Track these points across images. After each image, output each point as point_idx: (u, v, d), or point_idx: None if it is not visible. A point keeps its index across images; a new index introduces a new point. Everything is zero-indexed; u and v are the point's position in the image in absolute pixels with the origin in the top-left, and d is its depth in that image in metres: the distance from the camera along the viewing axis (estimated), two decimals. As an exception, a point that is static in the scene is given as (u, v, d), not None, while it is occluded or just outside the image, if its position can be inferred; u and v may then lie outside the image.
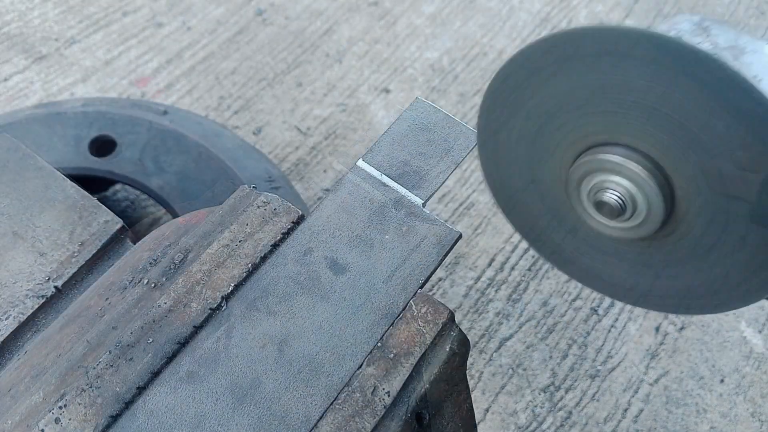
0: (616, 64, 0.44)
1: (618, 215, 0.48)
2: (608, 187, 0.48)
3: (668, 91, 0.43)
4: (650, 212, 0.48)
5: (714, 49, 0.48)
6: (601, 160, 0.47)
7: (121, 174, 1.06)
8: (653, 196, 0.47)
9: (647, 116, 0.45)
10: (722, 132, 0.43)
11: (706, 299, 0.52)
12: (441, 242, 0.59)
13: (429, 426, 0.53)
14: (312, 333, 0.53)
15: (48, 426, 0.48)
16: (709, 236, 0.48)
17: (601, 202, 0.49)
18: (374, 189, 0.61)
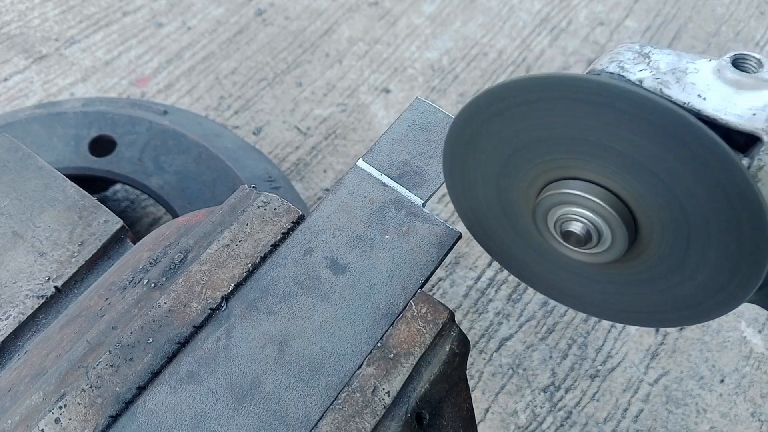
0: (567, 107, 0.46)
1: (584, 244, 0.51)
2: (573, 218, 0.50)
3: (613, 129, 0.45)
4: (615, 240, 0.50)
5: (656, 74, 0.49)
6: (565, 194, 0.50)
7: (120, 174, 1.06)
8: (616, 225, 0.49)
9: (601, 152, 0.47)
10: (670, 161, 0.45)
11: (675, 314, 0.54)
12: (441, 242, 0.59)
13: (429, 426, 0.53)
14: (312, 333, 0.53)
15: (48, 426, 0.48)
16: (672, 258, 0.50)
17: (567, 232, 0.51)
18: (374, 189, 0.61)
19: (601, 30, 1.55)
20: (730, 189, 0.44)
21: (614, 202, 0.49)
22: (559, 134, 0.48)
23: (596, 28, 1.55)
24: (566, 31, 1.55)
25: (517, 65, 1.47)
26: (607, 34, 1.54)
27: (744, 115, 0.47)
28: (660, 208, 0.48)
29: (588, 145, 0.47)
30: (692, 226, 0.48)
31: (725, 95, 0.48)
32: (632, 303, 0.57)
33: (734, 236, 0.46)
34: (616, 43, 1.53)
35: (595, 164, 0.48)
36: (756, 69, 0.49)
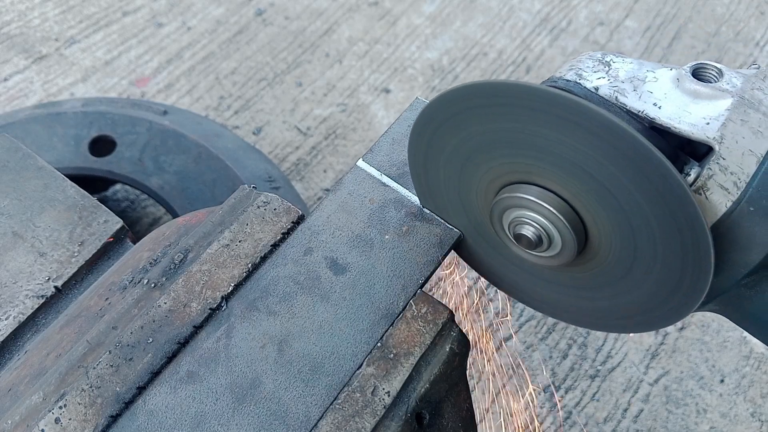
0: (520, 114, 0.47)
1: (535, 247, 0.51)
2: (525, 222, 0.51)
3: (562, 138, 0.46)
4: (564, 245, 0.50)
5: (613, 82, 0.49)
6: (518, 197, 0.50)
7: (120, 174, 1.06)
8: (565, 231, 0.49)
9: (553, 160, 0.47)
10: (611, 170, 0.45)
11: (628, 320, 0.55)
12: (441, 242, 0.59)
13: (429, 426, 0.53)
14: (312, 333, 0.53)
15: (48, 426, 0.48)
16: (621, 266, 0.51)
17: (519, 235, 0.51)
18: (374, 189, 0.61)
19: (601, 30, 1.55)
20: (670, 199, 0.44)
21: (565, 209, 0.49)
22: (512, 139, 0.49)
23: (596, 28, 1.55)
24: (566, 31, 1.55)
25: (517, 65, 1.47)
26: (607, 34, 1.54)
27: (697, 124, 0.47)
28: (607, 216, 0.48)
29: (539, 151, 0.48)
30: (637, 235, 0.48)
31: (681, 104, 0.48)
32: (585, 306, 0.58)
33: (678, 247, 0.46)
34: (617, 43, 1.53)
35: (547, 171, 0.48)
36: (716, 79, 0.49)
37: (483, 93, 0.48)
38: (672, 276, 0.49)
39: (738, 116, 0.47)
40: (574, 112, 0.44)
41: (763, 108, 0.48)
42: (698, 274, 0.47)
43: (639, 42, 1.53)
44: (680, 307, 0.50)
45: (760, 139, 0.47)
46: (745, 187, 0.46)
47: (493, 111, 0.48)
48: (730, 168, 0.46)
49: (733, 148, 0.46)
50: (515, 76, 1.45)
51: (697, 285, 0.48)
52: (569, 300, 0.59)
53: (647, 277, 0.50)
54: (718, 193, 0.46)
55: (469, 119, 0.50)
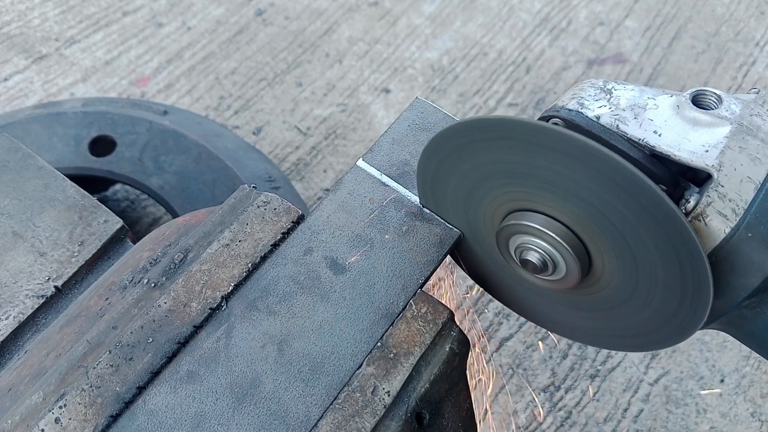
0: (523, 148, 0.49)
1: (540, 272, 0.53)
2: (531, 248, 0.52)
3: (563, 170, 0.48)
4: (569, 270, 0.52)
5: (614, 110, 0.51)
6: (523, 225, 0.52)
7: (120, 174, 1.06)
8: (569, 257, 0.51)
9: (556, 190, 0.49)
10: (610, 201, 0.47)
11: (635, 339, 0.57)
12: (441, 242, 0.59)
13: (429, 426, 0.53)
14: (312, 333, 0.53)
15: (48, 426, 0.48)
16: (624, 289, 0.52)
17: (525, 260, 0.53)
18: (374, 189, 0.61)
19: (601, 30, 1.55)
20: (667, 227, 0.46)
21: (568, 236, 0.51)
22: (515, 170, 0.51)
23: (596, 28, 1.55)
24: (566, 31, 1.55)
25: (517, 65, 1.47)
26: (607, 34, 1.54)
27: (697, 152, 0.48)
28: (608, 244, 0.50)
29: (543, 181, 0.49)
30: (639, 262, 0.49)
31: (681, 132, 0.49)
32: (593, 326, 0.59)
33: (677, 273, 0.48)
34: (617, 43, 1.53)
35: (551, 200, 0.50)
36: (715, 105, 0.50)
37: (488, 128, 0.49)
38: (672, 301, 0.50)
39: (736, 143, 0.48)
40: (572, 146, 0.46)
41: (761, 134, 0.49)
42: (698, 299, 0.48)
43: (639, 42, 1.53)
44: (682, 329, 0.52)
45: (758, 166, 0.48)
46: (744, 214, 0.47)
47: (499, 144, 0.50)
48: (729, 195, 0.47)
49: (731, 175, 0.47)
50: (515, 76, 1.45)
51: (697, 310, 0.49)
52: (571, 319, 0.60)
53: (649, 301, 0.52)
54: (717, 219, 0.48)
55: (476, 151, 0.52)
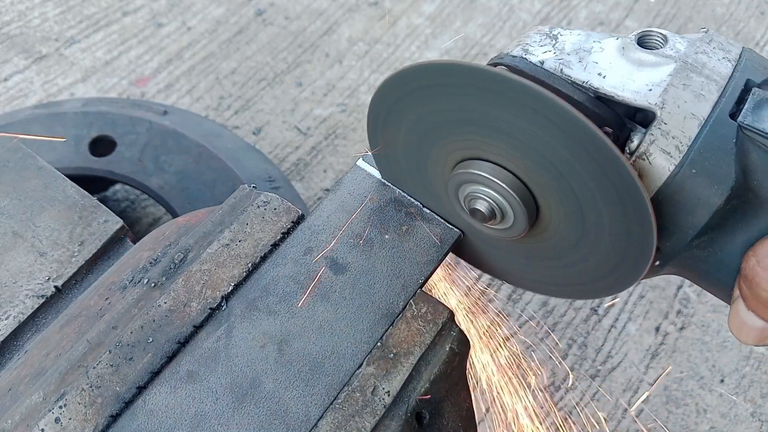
0: (459, 92, 0.49)
1: (488, 220, 0.53)
2: (479, 197, 0.53)
3: (506, 115, 0.47)
4: (516, 219, 0.52)
5: (559, 55, 0.51)
6: (472, 173, 0.52)
7: (120, 174, 1.06)
8: (516, 205, 0.51)
9: (503, 137, 0.49)
10: (552, 144, 0.47)
11: (582, 287, 0.58)
12: (441, 242, 0.59)
13: (429, 425, 0.53)
14: (312, 333, 0.53)
15: (48, 426, 0.48)
16: (572, 236, 0.53)
17: (473, 209, 0.53)
18: (374, 189, 0.61)
19: (601, 30, 1.55)
20: (607, 168, 0.45)
21: (515, 184, 0.51)
22: (463, 117, 0.50)
23: (596, 28, 1.55)
24: (566, 31, 1.54)
25: (517, 65, 1.47)
26: (607, 34, 1.54)
27: (640, 91, 0.48)
28: (553, 190, 0.50)
29: (489, 128, 0.49)
30: (583, 205, 0.50)
31: (626, 73, 0.49)
32: (544, 275, 0.60)
33: (622, 214, 0.48)
34: (616, 43, 1.53)
35: (496, 147, 0.50)
36: (661, 45, 0.50)
37: (436, 73, 0.49)
38: (620, 244, 0.50)
39: (680, 81, 0.48)
40: (509, 88, 0.46)
41: (706, 71, 0.48)
42: (643, 240, 0.48)
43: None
44: (631, 272, 0.52)
45: (702, 102, 0.47)
46: (687, 150, 0.47)
47: (446, 90, 0.50)
48: (672, 132, 0.47)
49: (674, 113, 0.47)
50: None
51: (643, 251, 0.49)
52: (526, 269, 0.61)
53: (597, 246, 0.52)
54: (660, 157, 0.47)
55: (424, 97, 0.51)
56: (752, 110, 0.46)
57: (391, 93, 0.53)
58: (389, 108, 0.54)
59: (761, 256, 0.47)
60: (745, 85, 0.48)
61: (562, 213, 0.51)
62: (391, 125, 0.56)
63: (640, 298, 1.16)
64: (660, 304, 1.16)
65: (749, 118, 0.46)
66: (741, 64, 0.49)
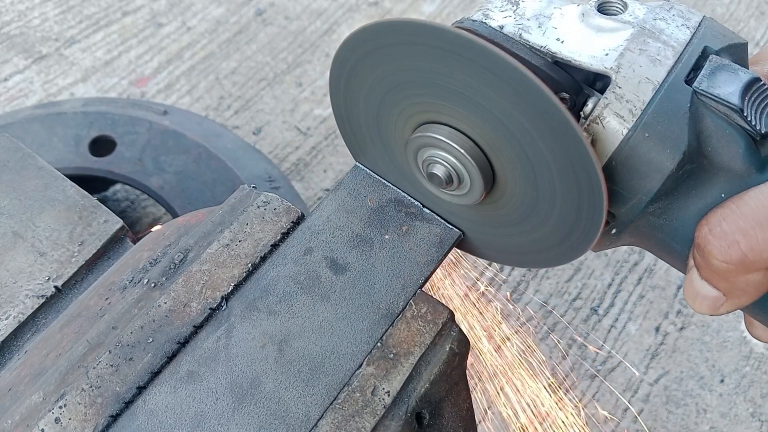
0: (415, 52, 0.48)
1: (446, 185, 0.53)
2: (437, 161, 0.52)
3: (464, 77, 0.47)
4: (473, 185, 0.52)
5: (519, 20, 0.51)
6: (430, 137, 0.52)
7: (120, 174, 1.06)
8: (473, 170, 0.51)
9: (461, 100, 0.49)
10: (506, 106, 0.47)
11: (530, 256, 0.59)
12: (441, 242, 0.59)
13: (429, 426, 0.53)
14: (312, 333, 0.53)
15: (48, 426, 0.48)
16: (526, 203, 0.53)
17: (431, 174, 0.53)
18: (374, 189, 0.61)
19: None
20: (556, 128, 0.45)
21: (473, 149, 0.51)
22: (423, 79, 0.50)
23: (596, 28, 1.55)
24: (566, 31, 1.55)
25: (517, 65, 1.47)
26: (607, 34, 1.54)
27: (597, 56, 0.48)
28: (510, 155, 0.50)
29: (447, 91, 0.49)
30: (537, 171, 0.49)
31: (584, 38, 0.49)
32: (502, 244, 0.60)
33: (573, 178, 0.48)
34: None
35: (455, 111, 0.50)
36: (621, 12, 0.50)
37: (396, 31, 0.49)
38: (572, 209, 0.50)
39: (637, 45, 0.48)
40: (468, 50, 0.45)
41: (664, 37, 0.48)
42: (595, 205, 0.48)
43: None
44: (584, 240, 0.52)
45: (657, 67, 0.47)
46: (641, 114, 0.47)
47: (406, 50, 0.49)
48: (626, 96, 0.47)
49: (629, 77, 0.47)
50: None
51: (594, 217, 0.49)
52: (484, 238, 0.60)
53: (550, 214, 0.52)
54: (614, 121, 0.47)
55: (384, 57, 0.51)
56: (708, 76, 0.47)
57: (352, 53, 0.52)
58: (349, 71, 0.54)
59: (713, 224, 0.46)
60: (702, 52, 0.48)
61: (516, 179, 0.51)
62: (351, 90, 0.55)
63: (640, 298, 1.16)
64: (660, 304, 1.16)
65: (705, 83, 0.46)
66: (700, 32, 0.49)
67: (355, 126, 0.59)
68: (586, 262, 1.19)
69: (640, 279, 1.18)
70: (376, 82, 0.53)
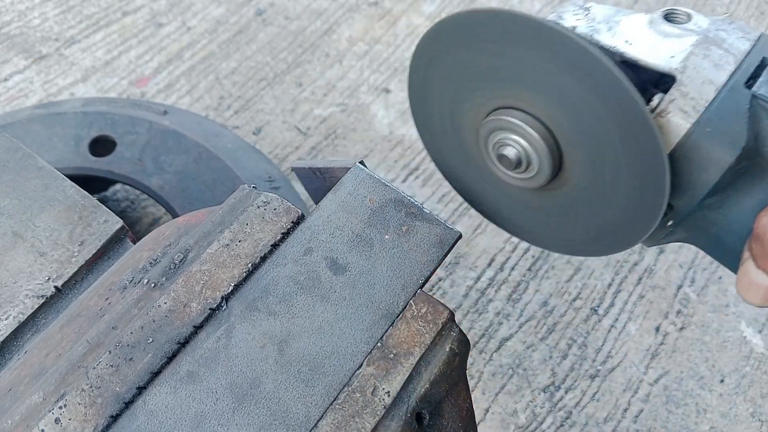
0: (513, 41, 0.53)
1: (515, 168, 0.58)
2: (508, 144, 0.57)
3: (540, 65, 0.52)
4: (541, 167, 0.57)
5: (590, 23, 0.56)
6: (504, 121, 0.56)
7: (120, 174, 1.06)
8: (543, 154, 0.56)
9: (536, 87, 0.53)
10: (581, 93, 0.51)
11: (588, 245, 0.63)
12: (441, 242, 0.59)
13: (429, 426, 0.53)
14: (312, 333, 0.53)
15: (48, 426, 0.48)
16: (592, 189, 0.57)
17: (501, 155, 0.58)
18: (374, 189, 0.61)
19: (601, 30, 1.55)
20: (631, 119, 0.50)
21: (544, 134, 0.55)
22: (503, 65, 0.54)
23: (596, 28, 1.55)
24: (566, 31, 1.55)
25: (517, 65, 1.47)
26: (607, 34, 1.54)
27: (664, 58, 0.53)
28: (581, 143, 0.54)
29: (526, 78, 0.53)
30: (606, 161, 0.54)
31: (651, 42, 0.54)
32: (559, 231, 0.64)
33: (639, 170, 0.52)
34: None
35: (532, 97, 0.54)
36: (686, 21, 0.55)
37: (488, 18, 0.53)
38: (634, 197, 0.54)
39: (701, 51, 0.52)
40: (553, 40, 0.50)
41: (726, 45, 0.53)
42: (656, 191, 0.52)
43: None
44: (641, 227, 0.56)
45: (719, 71, 0.52)
46: (704, 111, 0.51)
47: (483, 38, 0.54)
48: (690, 94, 0.51)
49: (693, 77, 0.51)
50: (515, 76, 1.45)
51: (655, 203, 0.53)
52: (538, 224, 0.65)
53: (613, 199, 0.56)
54: (678, 115, 0.51)
55: (467, 45, 0.56)
56: (766, 83, 0.51)
57: (438, 39, 0.57)
58: (433, 55, 0.59)
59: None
60: (761, 62, 0.52)
61: (584, 165, 0.55)
62: (431, 73, 0.60)
63: (640, 298, 1.16)
64: (660, 304, 1.16)
65: (764, 89, 0.50)
66: (758, 45, 0.53)
67: (427, 112, 0.64)
68: (586, 262, 1.19)
69: (640, 279, 1.18)
70: (455, 67, 0.58)
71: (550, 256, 1.19)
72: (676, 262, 1.20)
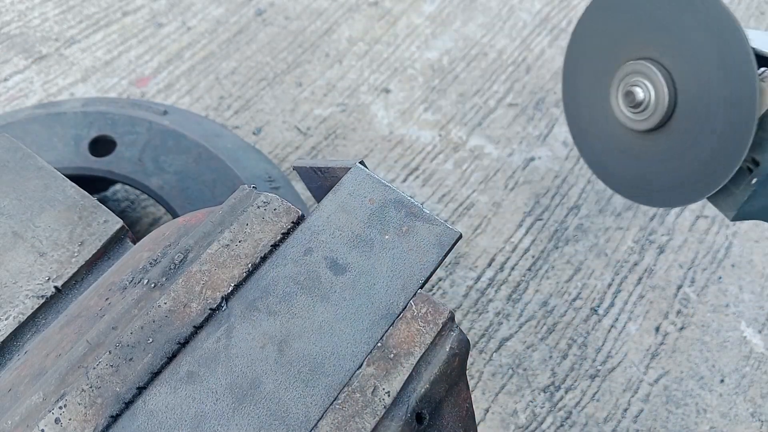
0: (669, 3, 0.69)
1: (636, 105, 0.73)
2: (638, 85, 0.73)
3: (678, 22, 0.67)
4: (656, 110, 0.72)
5: None
6: (644, 65, 0.73)
7: (120, 174, 1.06)
8: (663, 97, 0.71)
9: (678, 43, 0.68)
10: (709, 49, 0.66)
11: (668, 193, 0.76)
12: (441, 242, 0.59)
13: (429, 426, 0.53)
14: (312, 333, 0.53)
15: (48, 426, 0.48)
16: (685, 140, 0.71)
17: (629, 92, 0.74)
18: (374, 189, 0.61)
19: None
20: (744, 78, 0.62)
21: (670, 84, 0.70)
22: (645, 23, 0.71)
23: (596, 28, 1.55)
24: (566, 31, 1.55)
25: (517, 65, 1.47)
26: (607, 34, 1.54)
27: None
28: (695, 93, 0.67)
29: (670, 33, 0.67)
30: (710, 113, 0.66)
31: (765, 39, 0.66)
32: (649, 177, 0.77)
33: (735, 118, 0.64)
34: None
35: (671, 52, 0.69)
36: None
37: None
38: (725, 143, 0.66)
39: None
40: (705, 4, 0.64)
41: None
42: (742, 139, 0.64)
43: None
44: (723, 172, 0.67)
45: None
46: None
47: None
48: None
49: None
50: (515, 76, 1.45)
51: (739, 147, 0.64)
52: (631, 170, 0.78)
53: (704, 148, 0.69)
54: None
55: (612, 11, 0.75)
56: None
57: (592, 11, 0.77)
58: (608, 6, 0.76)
59: None
60: None
61: (688, 117, 0.68)
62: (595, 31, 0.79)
63: (640, 298, 1.16)
64: (660, 304, 1.16)
65: None
66: None
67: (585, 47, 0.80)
68: (586, 262, 1.19)
69: (640, 279, 1.18)
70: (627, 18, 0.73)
71: (550, 256, 1.20)
72: (676, 262, 1.20)
